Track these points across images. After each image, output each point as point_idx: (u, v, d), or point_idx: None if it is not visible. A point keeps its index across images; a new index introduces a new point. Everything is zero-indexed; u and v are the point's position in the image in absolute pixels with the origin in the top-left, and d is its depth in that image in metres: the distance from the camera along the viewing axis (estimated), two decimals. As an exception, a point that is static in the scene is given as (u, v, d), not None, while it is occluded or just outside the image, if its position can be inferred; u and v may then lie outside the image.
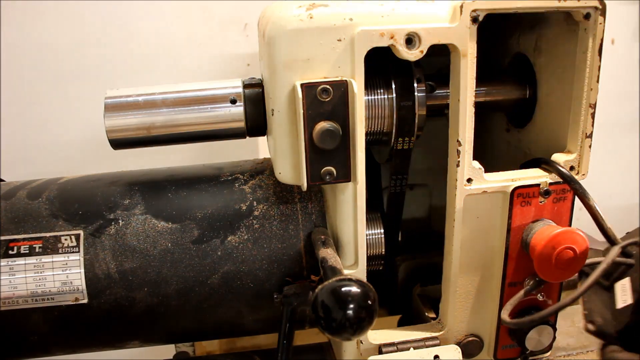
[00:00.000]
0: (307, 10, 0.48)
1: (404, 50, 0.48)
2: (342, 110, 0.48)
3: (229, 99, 0.54)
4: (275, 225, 0.56)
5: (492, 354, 0.61)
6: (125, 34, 0.89)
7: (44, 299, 0.53)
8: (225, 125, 0.55)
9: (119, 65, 0.90)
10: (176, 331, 0.58)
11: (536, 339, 0.59)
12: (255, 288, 0.55)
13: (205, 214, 0.55)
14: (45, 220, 0.54)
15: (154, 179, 0.59)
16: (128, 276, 0.54)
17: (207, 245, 0.55)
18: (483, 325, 0.61)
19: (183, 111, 0.54)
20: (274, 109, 0.50)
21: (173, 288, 0.54)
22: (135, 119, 0.54)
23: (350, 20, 0.47)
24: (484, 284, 0.59)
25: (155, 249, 0.54)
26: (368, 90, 0.53)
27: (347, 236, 0.55)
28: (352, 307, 0.38)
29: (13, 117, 0.90)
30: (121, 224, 0.55)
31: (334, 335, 0.39)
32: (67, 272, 0.53)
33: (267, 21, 0.49)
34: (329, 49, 0.48)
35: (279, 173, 0.53)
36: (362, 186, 0.52)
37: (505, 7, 0.48)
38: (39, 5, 0.85)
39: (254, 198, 0.57)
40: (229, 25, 0.92)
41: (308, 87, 0.47)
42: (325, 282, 0.40)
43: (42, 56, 0.88)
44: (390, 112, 0.54)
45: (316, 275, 0.55)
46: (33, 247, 0.53)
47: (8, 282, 0.52)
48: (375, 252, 0.60)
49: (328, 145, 0.48)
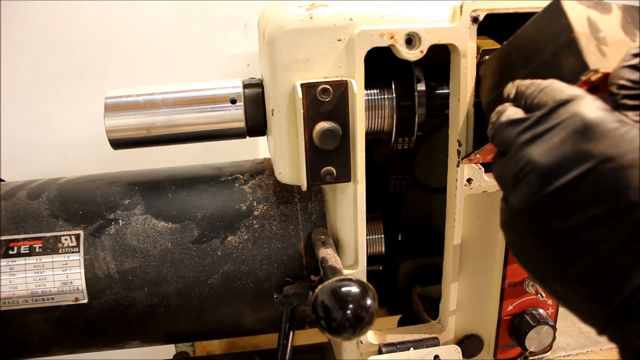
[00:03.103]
0: (307, 10, 0.48)
1: (404, 50, 0.48)
2: (342, 110, 0.48)
3: (229, 99, 0.54)
4: (275, 225, 0.56)
5: (492, 354, 0.61)
6: (125, 34, 0.89)
7: (44, 299, 0.53)
8: (225, 125, 0.55)
9: (119, 65, 0.90)
10: (176, 331, 0.58)
11: (536, 339, 0.59)
12: (255, 288, 0.55)
13: (205, 214, 0.55)
14: (45, 220, 0.54)
15: (154, 179, 0.59)
16: (128, 276, 0.54)
17: (207, 245, 0.55)
18: (483, 325, 0.61)
19: (183, 111, 0.54)
20: (274, 109, 0.50)
21: (173, 288, 0.54)
22: (135, 119, 0.54)
23: (350, 20, 0.47)
24: (484, 284, 0.59)
25: (155, 249, 0.54)
26: (368, 90, 0.53)
27: (347, 236, 0.55)
28: (352, 307, 0.38)
29: (13, 117, 0.90)
30: (121, 224, 0.55)
31: (334, 335, 0.39)
32: (67, 272, 0.53)
33: (267, 21, 0.49)
34: (329, 49, 0.48)
35: (279, 173, 0.53)
36: (362, 186, 0.52)
37: (505, 7, 0.48)
38: (39, 5, 0.85)
39: (254, 198, 0.57)
40: (229, 25, 0.92)
41: (308, 87, 0.47)
42: (325, 282, 0.40)
43: (42, 56, 0.88)
44: (390, 112, 0.54)
45: (316, 275, 0.55)
46: (33, 247, 0.53)
47: (8, 282, 0.52)
48: (375, 252, 0.60)
49: (328, 145, 0.48)
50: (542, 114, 0.35)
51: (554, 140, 0.34)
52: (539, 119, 0.35)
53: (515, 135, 0.36)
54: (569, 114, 0.34)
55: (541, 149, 0.34)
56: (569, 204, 0.33)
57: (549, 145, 0.34)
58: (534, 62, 0.41)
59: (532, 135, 0.35)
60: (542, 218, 0.34)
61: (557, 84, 0.37)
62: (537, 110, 0.36)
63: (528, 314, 0.59)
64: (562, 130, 0.34)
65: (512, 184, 0.36)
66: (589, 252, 0.32)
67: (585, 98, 0.35)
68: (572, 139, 0.33)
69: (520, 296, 0.59)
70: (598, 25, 0.38)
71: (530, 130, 0.36)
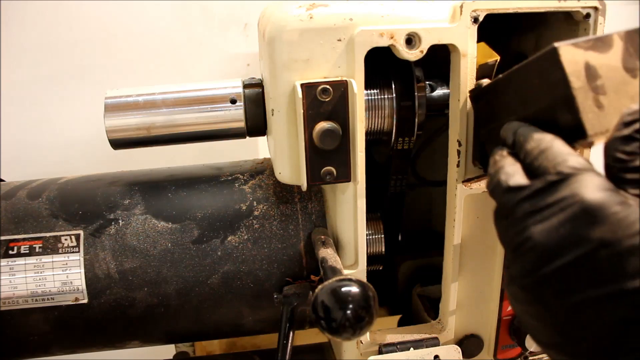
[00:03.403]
0: (307, 10, 0.48)
1: (404, 50, 0.48)
2: (342, 110, 0.48)
3: (229, 99, 0.54)
4: (275, 225, 0.56)
5: (492, 354, 0.61)
6: (125, 33, 0.89)
7: (44, 299, 0.53)
8: (225, 125, 0.55)
9: (119, 65, 0.90)
10: (176, 331, 0.58)
11: (536, 339, 0.59)
12: (255, 288, 0.55)
13: (205, 214, 0.55)
14: (45, 220, 0.54)
15: (154, 179, 0.59)
16: (128, 276, 0.54)
17: (207, 245, 0.55)
18: (483, 325, 0.61)
19: (183, 111, 0.54)
20: (274, 109, 0.50)
21: (173, 288, 0.54)
22: (135, 119, 0.54)
23: (350, 20, 0.47)
24: (484, 284, 0.59)
25: (155, 249, 0.54)
26: (368, 90, 0.53)
27: (347, 236, 0.55)
28: (352, 307, 0.38)
29: (13, 117, 0.90)
30: (121, 224, 0.55)
31: (334, 335, 0.39)
32: (67, 272, 0.53)
33: (267, 21, 0.49)
34: (329, 49, 0.48)
35: (279, 173, 0.53)
36: (362, 186, 0.52)
37: (505, 7, 0.48)
38: (39, 5, 0.85)
39: (254, 198, 0.57)
40: (229, 25, 0.92)
41: (308, 87, 0.47)
42: (325, 282, 0.40)
43: (42, 56, 0.88)
44: (390, 112, 0.54)
45: (316, 275, 0.55)
46: (33, 247, 0.53)
47: (8, 282, 0.52)
48: (375, 252, 0.60)
49: (328, 145, 0.48)
50: (543, 186, 0.35)
51: (554, 221, 0.34)
52: (540, 191, 0.36)
53: (515, 204, 0.37)
54: (569, 193, 0.34)
55: (541, 227, 0.35)
56: (567, 285, 0.34)
57: (549, 226, 0.34)
58: (531, 108, 0.41)
59: (532, 209, 0.35)
60: (541, 294, 0.35)
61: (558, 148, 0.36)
62: (537, 179, 0.36)
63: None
64: (562, 212, 0.34)
65: (512, 255, 0.37)
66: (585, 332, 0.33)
67: (587, 175, 0.34)
68: (572, 221, 0.33)
69: (520, 296, 0.59)
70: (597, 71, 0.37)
71: (530, 201, 0.36)
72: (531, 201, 0.36)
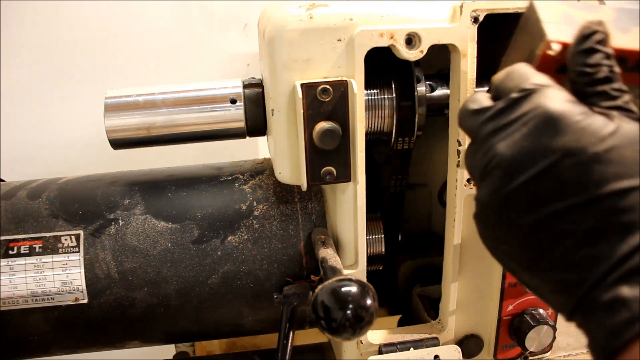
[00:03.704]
0: (307, 10, 0.48)
1: (404, 50, 0.48)
2: (342, 110, 0.48)
3: (229, 99, 0.54)
4: (275, 225, 0.56)
5: (492, 354, 0.61)
6: (125, 34, 0.89)
7: (44, 299, 0.53)
8: (225, 125, 0.55)
9: (119, 65, 0.90)
10: (176, 331, 0.58)
11: (536, 339, 0.59)
12: (255, 288, 0.55)
13: (205, 214, 0.55)
14: (45, 220, 0.54)
15: (154, 179, 0.59)
16: (128, 276, 0.54)
17: (207, 245, 0.55)
18: (483, 325, 0.61)
19: (183, 111, 0.54)
20: (274, 109, 0.50)
21: (173, 288, 0.54)
22: (135, 119, 0.54)
23: (350, 20, 0.47)
24: (484, 284, 0.59)
25: (155, 249, 0.54)
26: (368, 90, 0.53)
27: (347, 236, 0.55)
28: (352, 307, 0.38)
29: (13, 117, 0.90)
30: (121, 224, 0.55)
31: (334, 335, 0.39)
32: (67, 272, 0.53)
33: (267, 21, 0.49)
34: (329, 49, 0.48)
35: (279, 173, 0.53)
36: (362, 186, 0.52)
37: (505, 7, 0.48)
38: (39, 5, 0.85)
39: (254, 198, 0.57)
40: (229, 25, 0.92)
41: (308, 87, 0.47)
42: (325, 282, 0.40)
43: (42, 56, 0.88)
44: (390, 112, 0.54)
45: (316, 275, 0.55)
46: (33, 247, 0.53)
47: (8, 282, 0.52)
48: (375, 252, 0.60)
49: (328, 145, 0.48)
50: (506, 105, 0.35)
51: (517, 135, 0.34)
52: (503, 109, 0.35)
53: (479, 125, 0.36)
54: (532, 107, 0.33)
55: (505, 143, 0.34)
56: (533, 199, 0.33)
57: (512, 140, 0.34)
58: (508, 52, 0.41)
59: (496, 127, 0.35)
60: (508, 212, 0.34)
61: (523, 68, 0.36)
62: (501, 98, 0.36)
63: (528, 314, 0.59)
64: (525, 125, 0.33)
65: (480, 177, 0.36)
66: (553, 245, 0.32)
67: (550, 89, 0.34)
68: (535, 134, 0.33)
69: (520, 296, 0.59)
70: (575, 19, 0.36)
71: (493, 120, 0.35)
72: (494, 120, 0.35)
